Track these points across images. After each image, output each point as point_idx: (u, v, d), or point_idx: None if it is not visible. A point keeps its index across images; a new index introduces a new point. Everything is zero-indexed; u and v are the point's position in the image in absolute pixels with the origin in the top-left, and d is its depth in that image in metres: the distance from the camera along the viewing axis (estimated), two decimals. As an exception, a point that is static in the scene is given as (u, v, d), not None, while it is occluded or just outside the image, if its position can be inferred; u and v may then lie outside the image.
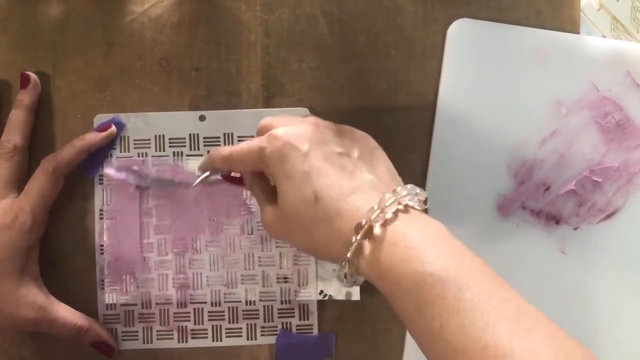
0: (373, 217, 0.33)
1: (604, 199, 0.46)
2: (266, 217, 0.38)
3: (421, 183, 0.46)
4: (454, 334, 0.29)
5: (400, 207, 0.33)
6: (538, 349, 0.28)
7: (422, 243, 0.32)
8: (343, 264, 0.34)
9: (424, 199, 0.35)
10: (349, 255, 0.33)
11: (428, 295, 0.30)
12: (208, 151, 0.45)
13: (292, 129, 0.36)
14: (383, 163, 0.38)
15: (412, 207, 0.34)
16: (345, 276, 0.34)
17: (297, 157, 0.35)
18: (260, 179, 0.40)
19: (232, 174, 0.43)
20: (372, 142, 0.39)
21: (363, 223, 0.33)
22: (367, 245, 0.33)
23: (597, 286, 0.46)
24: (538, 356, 0.28)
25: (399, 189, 0.34)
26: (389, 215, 0.33)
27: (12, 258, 0.41)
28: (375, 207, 0.33)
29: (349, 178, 0.35)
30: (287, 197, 0.36)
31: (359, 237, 0.33)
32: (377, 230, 0.33)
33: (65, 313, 0.42)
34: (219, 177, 0.44)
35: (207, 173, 0.43)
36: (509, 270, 0.46)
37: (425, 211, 0.35)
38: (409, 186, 0.35)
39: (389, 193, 0.34)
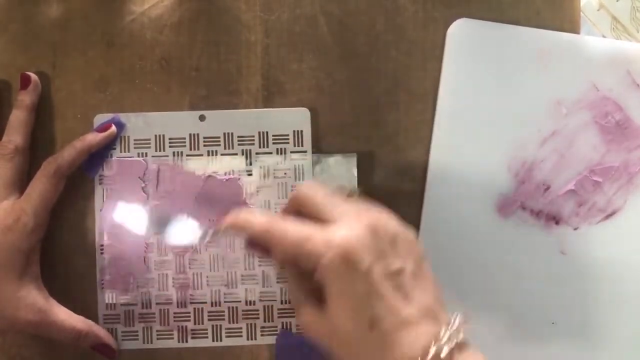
0: (430, 355, 0.31)
1: (604, 199, 0.46)
2: (307, 319, 0.35)
3: (421, 183, 0.46)
4: None
5: (453, 345, 0.31)
6: None
7: None
8: None
9: (467, 327, 0.33)
10: None
11: None
12: (213, 152, 0.46)
13: (350, 236, 0.33)
14: (430, 278, 0.35)
15: (463, 343, 0.32)
16: None
17: (358, 276, 0.32)
18: (296, 267, 0.35)
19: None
20: (421, 249, 0.35)
21: None
22: None
23: (597, 286, 0.46)
24: None
25: (452, 321, 0.32)
26: (444, 354, 0.31)
27: (13, 260, 0.41)
28: (433, 344, 0.31)
29: (405, 302, 0.33)
30: (339, 314, 0.33)
31: None
32: None
33: (65, 317, 0.42)
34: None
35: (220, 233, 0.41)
36: (509, 270, 0.46)
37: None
38: (457, 317, 0.33)
39: (443, 327, 0.32)
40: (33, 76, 0.45)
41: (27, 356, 0.45)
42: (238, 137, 0.46)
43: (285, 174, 0.46)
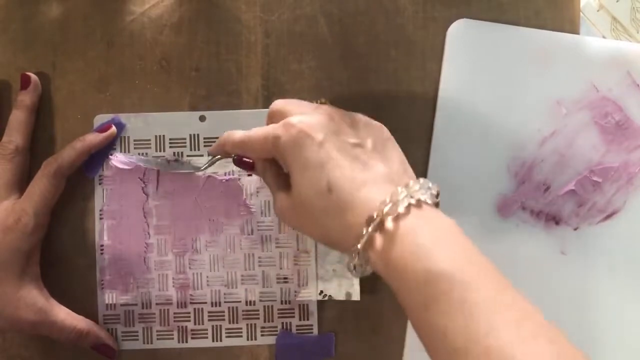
0: (385, 210, 0.33)
1: (603, 199, 0.46)
2: (279, 205, 0.38)
3: (421, 183, 0.46)
4: (457, 334, 0.29)
5: (413, 201, 0.33)
6: (541, 355, 0.28)
7: (432, 240, 0.32)
8: (353, 255, 0.34)
9: (435, 192, 0.35)
10: (359, 247, 0.33)
11: (434, 294, 0.30)
12: (209, 153, 0.46)
13: (307, 118, 0.36)
14: (396, 154, 0.38)
15: (424, 202, 0.34)
16: (355, 267, 0.35)
17: (312, 147, 0.35)
18: (273, 165, 0.39)
19: (244, 159, 0.42)
20: (386, 133, 0.39)
21: (375, 216, 0.33)
22: (378, 239, 0.33)
23: (597, 286, 0.46)
24: None
25: (411, 182, 0.34)
26: (401, 209, 0.33)
27: (14, 260, 0.41)
28: (388, 200, 0.33)
29: (362, 169, 0.35)
30: (301, 186, 0.36)
31: (370, 229, 0.33)
32: (388, 224, 0.33)
33: (65, 316, 0.42)
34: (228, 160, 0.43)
35: (218, 157, 0.43)
36: (509, 270, 0.46)
37: (437, 205, 0.35)
38: (421, 180, 0.35)
39: (401, 186, 0.34)
40: (33, 76, 0.45)
41: (27, 356, 0.45)
42: (238, 137, 0.46)
43: (285, 174, 0.46)
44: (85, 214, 0.45)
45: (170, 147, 0.46)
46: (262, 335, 0.46)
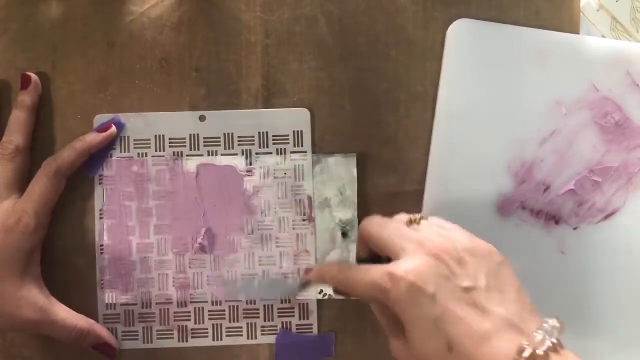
0: None
1: (603, 199, 0.46)
2: (396, 349, 0.36)
3: (421, 183, 0.46)
4: None
5: (541, 353, 0.31)
6: None
7: None
8: None
9: (559, 328, 0.33)
10: None
11: None
12: (213, 152, 0.46)
13: (413, 267, 0.34)
14: (510, 283, 0.35)
15: (552, 350, 0.32)
16: None
17: (425, 303, 0.33)
18: (381, 304, 0.37)
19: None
20: (497, 258, 0.36)
21: None
22: None
23: (597, 286, 0.46)
24: None
25: (534, 334, 0.32)
26: None
27: (15, 260, 0.41)
28: (515, 356, 0.31)
29: (481, 318, 0.33)
30: (418, 343, 0.33)
31: None
32: None
33: (66, 315, 0.43)
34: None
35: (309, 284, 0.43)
36: (509, 270, 0.46)
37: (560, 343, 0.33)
38: (544, 324, 0.33)
39: (525, 339, 0.32)
40: (33, 76, 0.45)
41: (28, 356, 0.45)
42: (238, 137, 0.46)
43: (285, 174, 0.46)
44: (85, 214, 0.46)
45: (170, 147, 0.46)
46: (262, 334, 0.46)
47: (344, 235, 0.45)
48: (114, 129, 0.45)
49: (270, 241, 0.46)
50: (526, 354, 0.31)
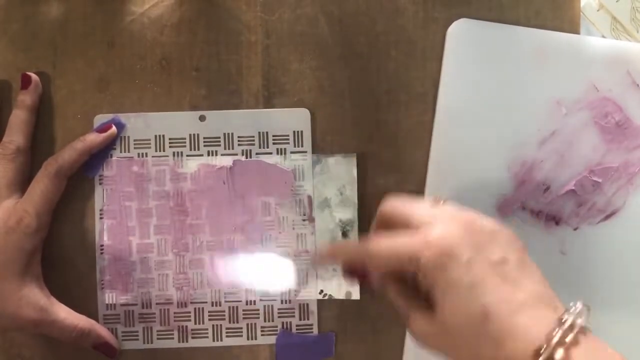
0: (554, 341, 0.30)
1: (603, 199, 0.46)
2: (419, 328, 0.34)
3: (421, 183, 0.46)
4: None
5: (580, 326, 0.31)
6: None
7: None
8: None
9: (588, 313, 0.32)
10: None
11: None
12: (213, 152, 0.46)
13: (446, 233, 0.33)
14: (535, 267, 0.34)
15: (589, 330, 0.31)
16: None
17: (459, 268, 0.32)
18: (398, 280, 0.36)
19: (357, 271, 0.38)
20: (520, 242, 0.35)
21: (544, 348, 0.30)
22: None
23: (597, 286, 0.46)
24: None
25: (572, 308, 0.32)
26: (569, 338, 0.30)
27: (16, 259, 0.41)
28: (554, 328, 0.30)
29: (514, 290, 0.32)
30: (448, 311, 0.32)
31: None
32: (558, 355, 0.30)
33: (66, 315, 0.43)
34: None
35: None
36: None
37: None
38: (578, 303, 0.32)
39: (563, 312, 0.31)
40: (34, 76, 0.45)
41: (28, 356, 0.45)
42: (238, 137, 0.46)
43: (285, 174, 0.46)
44: (85, 214, 0.46)
45: (170, 146, 0.46)
46: (262, 334, 0.46)
47: (344, 235, 0.45)
48: (114, 129, 0.45)
49: (270, 241, 0.46)
50: (566, 325, 0.30)
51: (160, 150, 0.46)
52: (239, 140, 0.46)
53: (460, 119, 0.46)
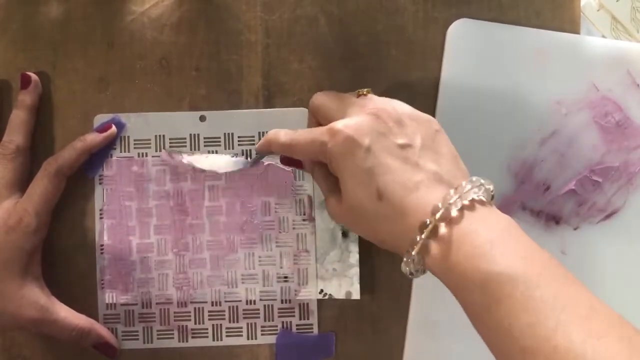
0: (437, 216, 0.32)
1: (604, 199, 0.46)
2: (331, 208, 0.38)
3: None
4: (523, 333, 0.28)
5: (466, 202, 0.32)
6: (612, 353, 0.27)
7: (488, 240, 0.31)
8: (408, 260, 0.33)
9: (491, 188, 0.34)
10: (413, 253, 0.33)
11: (496, 294, 0.30)
12: (213, 151, 0.46)
13: (352, 121, 0.36)
14: (447, 149, 0.37)
15: (478, 202, 0.33)
16: (411, 272, 0.34)
17: (359, 153, 0.35)
18: (322, 167, 0.39)
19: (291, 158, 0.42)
20: (435, 125, 0.37)
21: (427, 222, 0.32)
22: (433, 245, 0.33)
23: (597, 286, 0.46)
24: None
25: (463, 183, 0.33)
26: (454, 213, 0.32)
27: (16, 259, 0.41)
28: (440, 205, 0.32)
29: (412, 171, 0.34)
30: (350, 193, 0.35)
31: (423, 236, 0.32)
32: (442, 229, 0.32)
33: (67, 314, 0.43)
34: (273, 161, 0.45)
35: (264, 154, 0.43)
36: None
37: (492, 199, 0.34)
38: (474, 178, 0.34)
39: (452, 189, 0.33)
40: (33, 76, 0.45)
41: (28, 355, 0.45)
42: (238, 137, 0.46)
43: (285, 174, 0.46)
44: (85, 214, 0.46)
45: (170, 146, 0.46)
46: (262, 334, 0.46)
47: (344, 234, 0.45)
48: (114, 128, 0.45)
49: (270, 241, 0.46)
50: (451, 200, 0.32)
51: (160, 150, 0.46)
52: (239, 140, 0.46)
53: (460, 119, 0.46)
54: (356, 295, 0.45)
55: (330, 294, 0.45)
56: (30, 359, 0.45)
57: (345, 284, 0.45)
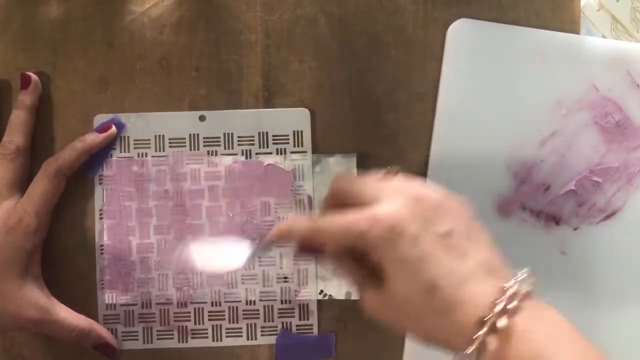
0: (497, 310, 0.31)
1: (603, 199, 0.46)
2: (369, 302, 0.35)
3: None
4: None
5: (521, 295, 0.31)
6: None
7: (550, 341, 0.30)
8: (463, 358, 0.32)
9: (533, 280, 0.33)
10: (470, 351, 0.31)
11: None
12: (213, 152, 0.46)
13: (393, 209, 0.33)
14: (484, 236, 0.35)
15: (530, 294, 0.32)
16: None
17: (407, 243, 0.32)
18: (349, 255, 0.36)
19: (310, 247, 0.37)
20: (468, 211, 0.35)
21: (487, 317, 0.31)
22: (492, 340, 0.31)
23: (597, 286, 0.46)
24: None
25: (517, 276, 0.32)
26: (511, 306, 0.31)
27: (16, 259, 0.41)
28: (497, 297, 0.31)
29: (459, 261, 0.32)
30: (397, 285, 0.33)
31: (483, 332, 0.30)
32: (501, 323, 0.31)
33: (66, 315, 0.43)
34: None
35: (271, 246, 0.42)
36: (509, 270, 0.46)
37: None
38: (525, 270, 0.33)
39: (506, 280, 0.32)
40: (33, 76, 0.45)
41: (28, 356, 0.45)
42: (238, 137, 0.46)
43: (285, 174, 0.46)
44: (85, 214, 0.46)
45: (170, 146, 0.46)
46: (262, 335, 0.46)
47: (344, 235, 0.45)
48: (114, 128, 0.45)
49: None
50: (509, 293, 0.31)
51: (160, 150, 0.46)
52: (239, 140, 0.46)
53: (460, 119, 0.46)
54: (356, 295, 0.45)
55: (330, 295, 0.45)
56: (30, 359, 0.45)
57: (346, 284, 0.45)
